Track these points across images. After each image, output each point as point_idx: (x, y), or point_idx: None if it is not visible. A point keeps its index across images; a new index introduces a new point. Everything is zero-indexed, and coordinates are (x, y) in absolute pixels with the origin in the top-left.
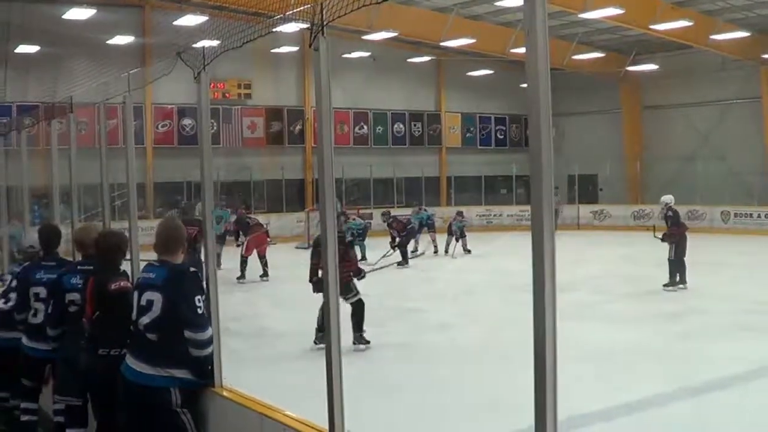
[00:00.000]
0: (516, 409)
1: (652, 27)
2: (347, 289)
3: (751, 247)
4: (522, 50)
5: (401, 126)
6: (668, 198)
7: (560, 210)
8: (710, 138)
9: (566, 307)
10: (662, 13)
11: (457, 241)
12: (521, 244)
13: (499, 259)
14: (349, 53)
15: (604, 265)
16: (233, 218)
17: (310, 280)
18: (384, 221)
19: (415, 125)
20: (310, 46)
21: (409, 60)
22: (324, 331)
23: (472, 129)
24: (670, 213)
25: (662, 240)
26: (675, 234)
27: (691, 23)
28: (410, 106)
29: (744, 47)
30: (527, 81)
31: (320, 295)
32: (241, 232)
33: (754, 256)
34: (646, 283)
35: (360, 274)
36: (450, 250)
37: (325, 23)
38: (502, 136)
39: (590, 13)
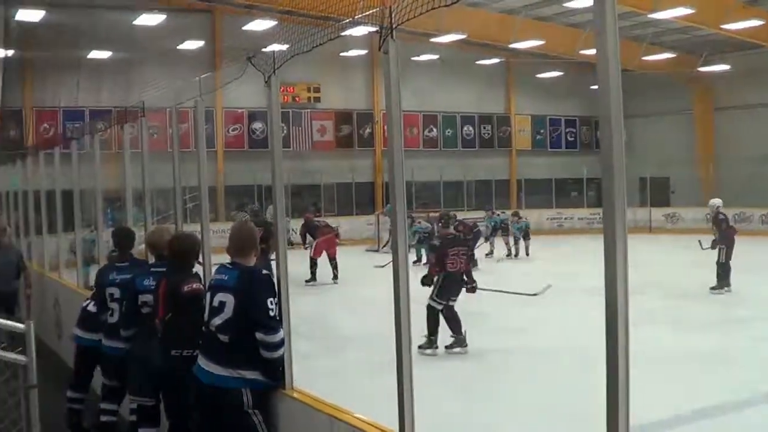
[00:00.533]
0: (586, 415)
1: (723, 27)
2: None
3: None
4: (592, 51)
5: (471, 128)
6: (717, 201)
7: None
8: None
9: (636, 311)
10: (733, 12)
11: (516, 242)
12: (592, 248)
13: (569, 262)
14: (418, 56)
15: (675, 268)
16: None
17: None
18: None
19: (484, 128)
20: (379, 49)
21: (477, 62)
22: (434, 335)
23: (542, 131)
24: (721, 216)
25: (711, 247)
26: (726, 238)
27: (762, 22)
28: (479, 108)
29: None
30: (598, 82)
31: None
32: (308, 235)
33: None
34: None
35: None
36: (513, 251)
37: (394, 26)
38: (572, 139)
39: (660, 13)
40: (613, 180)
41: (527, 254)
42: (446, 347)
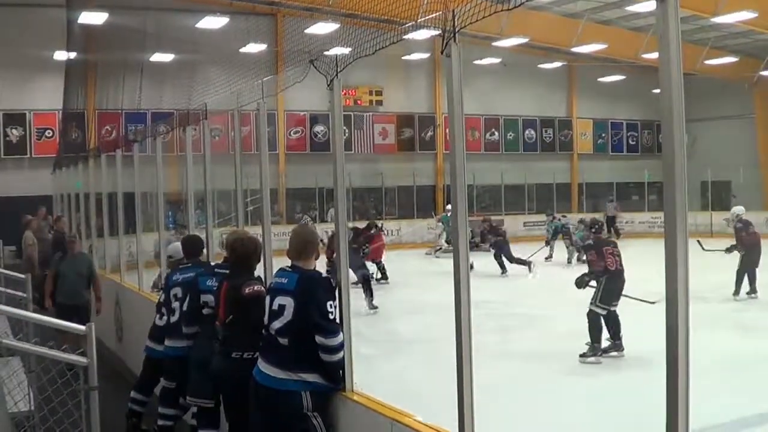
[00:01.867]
0: (644, 421)
1: None
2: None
3: None
4: (654, 55)
5: (532, 132)
6: (739, 209)
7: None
8: None
9: (697, 315)
10: None
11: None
12: (653, 251)
13: (630, 266)
14: (480, 59)
15: (735, 273)
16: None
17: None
18: (482, 230)
19: (546, 131)
20: (442, 52)
21: (539, 66)
22: (598, 342)
23: (603, 135)
24: (739, 224)
25: (727, 251)
26: (745, 245)
27: None
28: (541, 112)
29: None
30: (660, 86)
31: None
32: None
33: None
34: None
35: None
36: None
37: (456, 30)
38: (633, 142)
39: (722, 17)
40: (675, 184)
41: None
42: (603, 349)
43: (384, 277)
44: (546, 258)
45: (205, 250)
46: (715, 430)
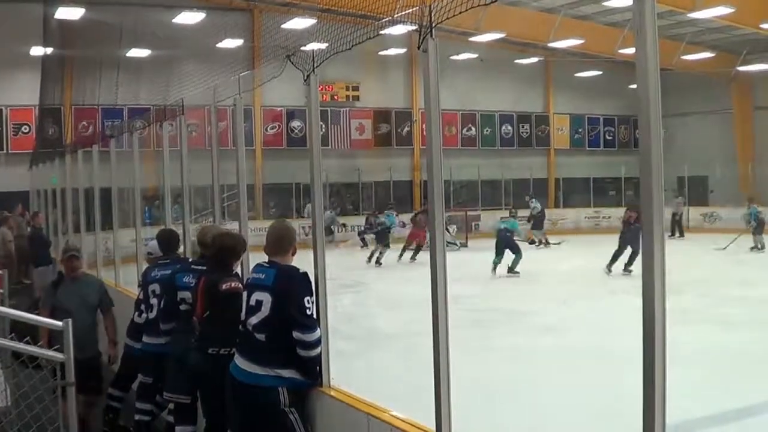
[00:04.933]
0: (623, 415)
1: (762, 26)
2: None
3: None
4: (631, 50)
5: (509, 127)
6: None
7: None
8: None
9: (673, 310)
10: None
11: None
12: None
13: (605, 261)
14: (457, 55)
15: (712, 268)
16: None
17: None
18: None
19: (523, 126)
20: (419, 47)
21: (516, 61)
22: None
23: (580, 130)
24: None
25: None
26: None
27: None
28: (518, 107)
29: None
30: (637, 81)
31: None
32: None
33: None
34: (754, 286)
35: None
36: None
37: (433, 25)
38: (610, 138)
39: (700, 12)
40: (651, 179)
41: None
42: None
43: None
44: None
45: (182, 246)
46: (691, 425)
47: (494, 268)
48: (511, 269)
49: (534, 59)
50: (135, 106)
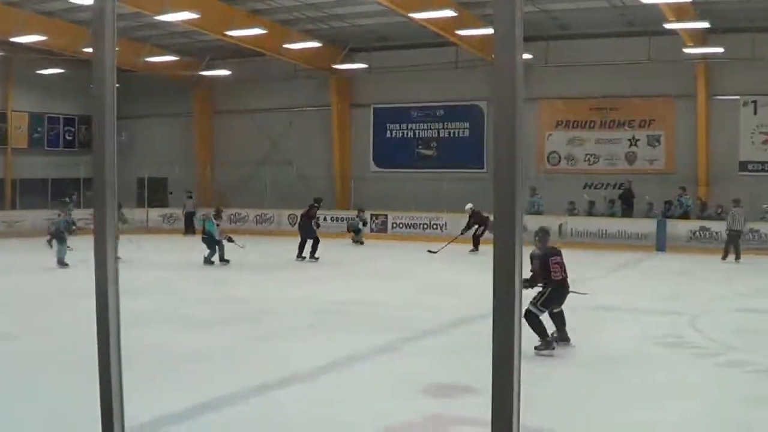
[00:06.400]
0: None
1: (227, 33)
2: None
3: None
4: None
5: None
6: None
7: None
8: (280, 143)
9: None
10: (238, 20)
11: None
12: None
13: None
14: None
15: (173, 271)
16: None
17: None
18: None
19: None
20: None
21: None
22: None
23: (39, 129)
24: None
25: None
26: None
27: (265, 31)
28: None
29: (315, 57)
30: (93, 81)
31: None
32: None
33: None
34: (223, 286)
35: None
36: None
37: None
38: (71, 138)
39: (166, 16)
40: (105, 180)
41: None
42: (554, 339)
43: None
44: None
45: None
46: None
47: None
48: None
49: None
50: None
